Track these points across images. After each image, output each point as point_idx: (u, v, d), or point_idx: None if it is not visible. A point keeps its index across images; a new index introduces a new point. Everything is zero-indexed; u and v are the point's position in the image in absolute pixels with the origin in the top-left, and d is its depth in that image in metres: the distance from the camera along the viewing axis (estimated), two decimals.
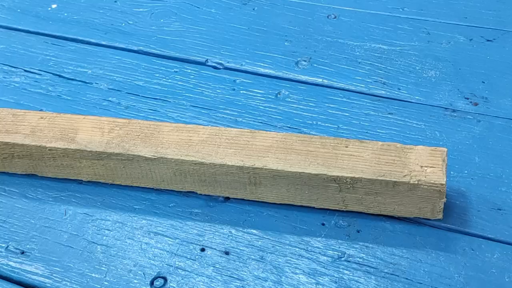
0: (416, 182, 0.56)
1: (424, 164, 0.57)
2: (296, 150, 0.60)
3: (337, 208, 0.60)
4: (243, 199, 0.62)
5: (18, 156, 0.64)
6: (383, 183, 0.57)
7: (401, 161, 0.58)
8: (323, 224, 0.59)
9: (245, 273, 0.57)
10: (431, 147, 0.59)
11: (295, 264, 0.57)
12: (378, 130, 0.69)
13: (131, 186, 0.64)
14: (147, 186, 0.64)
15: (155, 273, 0.57)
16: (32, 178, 0.66)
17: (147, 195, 0.64)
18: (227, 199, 0.63)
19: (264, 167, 0.59)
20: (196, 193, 0.63)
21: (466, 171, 0.63)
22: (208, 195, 0.63)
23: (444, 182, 0.56)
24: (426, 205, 0.58)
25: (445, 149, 0.59)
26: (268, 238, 0.59)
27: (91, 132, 0.63)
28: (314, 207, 0.60)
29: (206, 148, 0.61)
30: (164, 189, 0.64)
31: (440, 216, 0.58)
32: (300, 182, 0.59)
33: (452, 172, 0.63)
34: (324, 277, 0.56)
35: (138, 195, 0.64)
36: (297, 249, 0.58)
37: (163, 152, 0.61)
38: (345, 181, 0.57)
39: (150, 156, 0.61)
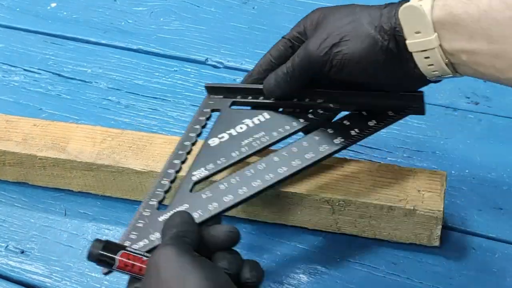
0: (412, 208, 0.54)
1: (422, 189, 0.55)
2: None
3: (330, 230, 0.58)
4: (234, 216, 0.60)
5: (9, 163, 0.63)
6: (377, 207, 0.55)
7: (398, 184, 0.56)
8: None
9: None
10: (430, 170, 0.57)
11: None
12: None
13: None
14: (138, 200, 0.61)
15: None
16: None
17: None
18: None
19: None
20: None
21: (467, 170, 0.63)
22: None
23: (441, 209, 0.54)
24: (423, 231, 0.55)
25: (445, 173, 0.57)
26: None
27: (83, 141, 0.62)
28: (307, 228, 0.59)
29: None
30: None
31: (437, 243, 0.56)
32: (292, 202, 0.57)
33: (453, 171, 0.63)
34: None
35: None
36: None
37: (154, 165, 0.59)
38: (338, 203, 0.55)
39: (140, 169, 0.59)
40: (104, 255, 0.44)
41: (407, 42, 0.47)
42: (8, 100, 0.76)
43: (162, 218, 0.50)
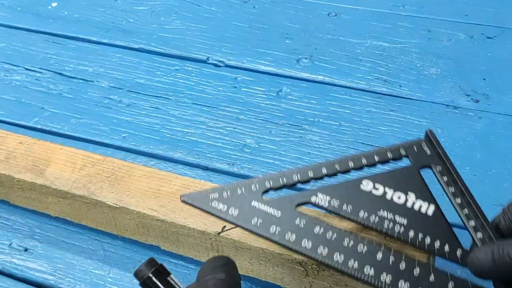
0: None
1: None
2: None
3: None
4: None
5: None
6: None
7: None
8: None
9: None
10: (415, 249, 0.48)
11: None
12: (380, 127, 0.69)
13: None
14: (112, 232, 0.59)
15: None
16: None
17: None
18: None
19: (226, 236, 0.53)
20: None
21: (467, 168, 0.64)
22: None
23: None
24: None
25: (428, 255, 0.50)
26: None
27: (63, 166, 0.60)
28: (280, 286, 0.54)
29: (173, 203, 0.55)
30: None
31: None
32: (263, 258, 0.52)
33: None
34: None
35: None
36: None
37: (127, 201, 0.56)
38: (311, 266, 0.50)
39: (112, 204, 0.56)
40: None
41: None
42: (10, 99, 0.76)
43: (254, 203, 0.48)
